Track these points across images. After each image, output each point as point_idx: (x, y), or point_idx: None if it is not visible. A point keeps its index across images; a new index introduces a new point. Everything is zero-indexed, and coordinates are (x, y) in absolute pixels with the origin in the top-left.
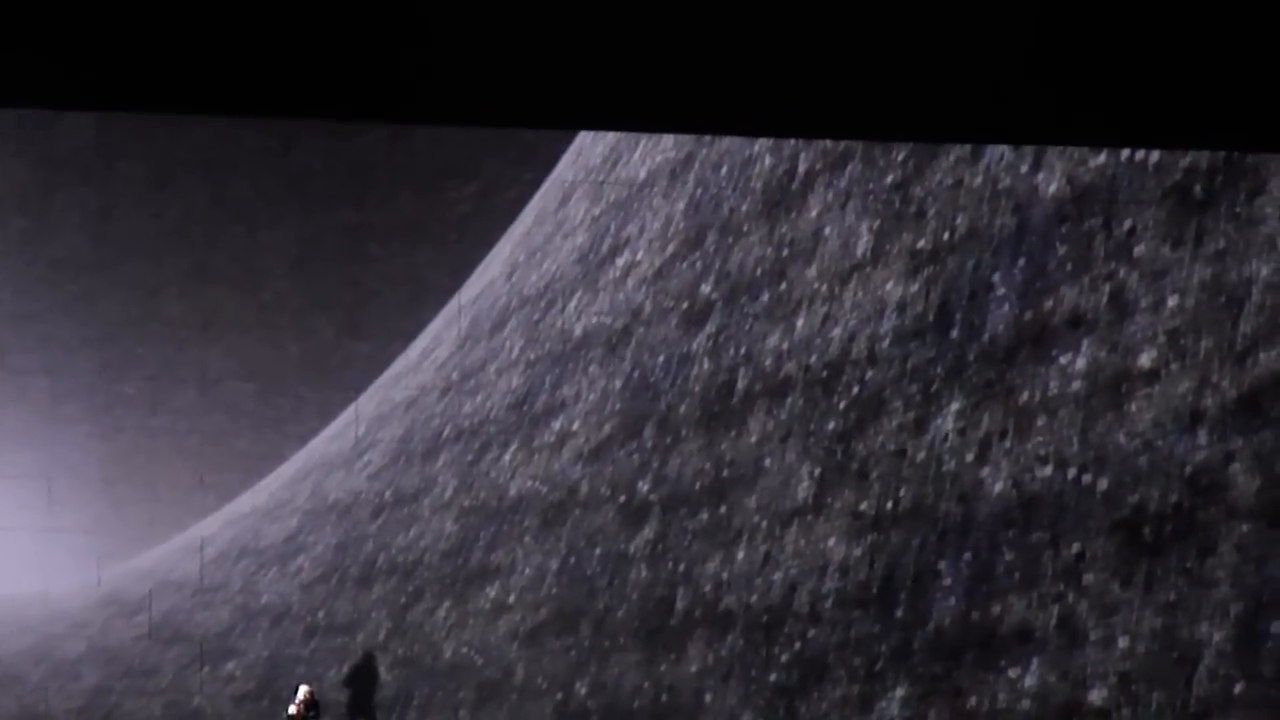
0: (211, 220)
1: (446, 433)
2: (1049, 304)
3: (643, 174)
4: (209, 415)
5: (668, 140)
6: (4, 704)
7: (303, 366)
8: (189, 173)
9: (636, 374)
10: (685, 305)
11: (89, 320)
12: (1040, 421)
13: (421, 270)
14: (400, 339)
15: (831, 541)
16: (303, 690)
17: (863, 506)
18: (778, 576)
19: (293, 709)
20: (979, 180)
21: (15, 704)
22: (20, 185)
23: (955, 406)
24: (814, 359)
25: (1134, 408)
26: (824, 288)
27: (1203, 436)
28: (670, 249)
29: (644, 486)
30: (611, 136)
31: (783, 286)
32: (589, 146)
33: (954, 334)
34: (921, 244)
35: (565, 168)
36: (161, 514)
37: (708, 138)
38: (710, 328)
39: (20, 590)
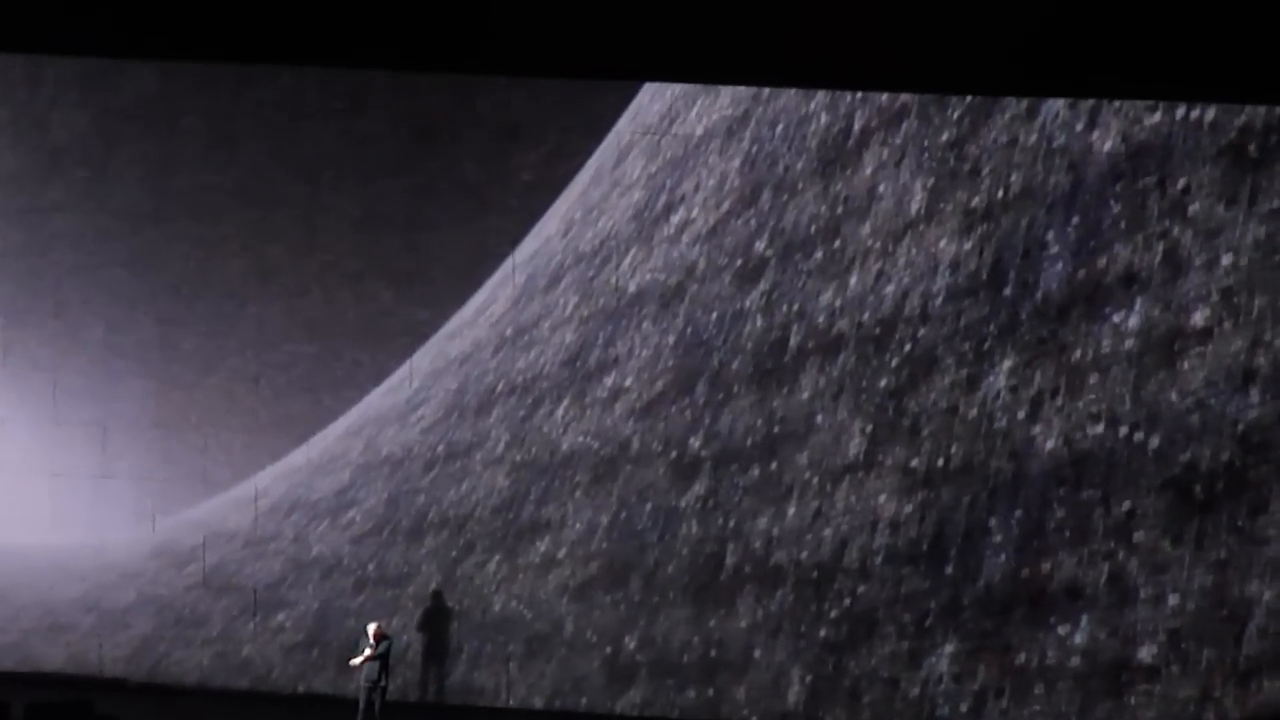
0: (273, 179)
1: (500, 388)
2: (1102, 262)
3: (699, 131)
4: (265, 375)
5: (725, 98)
6: (53, 652)
7: (361, 331)
8: (252, 130)
9: (689, 330)
10: (739, 262)
11: (148, 275)
12: (1092, 379)
13: (483, 237)
14: (459, 306)
15: (882, 498)
16: (371, 627)
17: (914, 463)
18: (828, 533)
19: (368, 648)
20: (1034, 138)
21: (64, 652)
22: (82, 136)
23: (1007, 364)
24: (867, 316)
25: (1186, 366)
26: (878, 245)
27: (1255, 395)
28: (725, 206)
29: (695, 442)
30: (669, 94)
31: (836, 244)
32: (647, 105)
33: (1007, 292)
34: (975, 202)
35: (623, 125)
36: (214, 472)
37: (765, 95)
38: (764, 285)
39: (75, 539)
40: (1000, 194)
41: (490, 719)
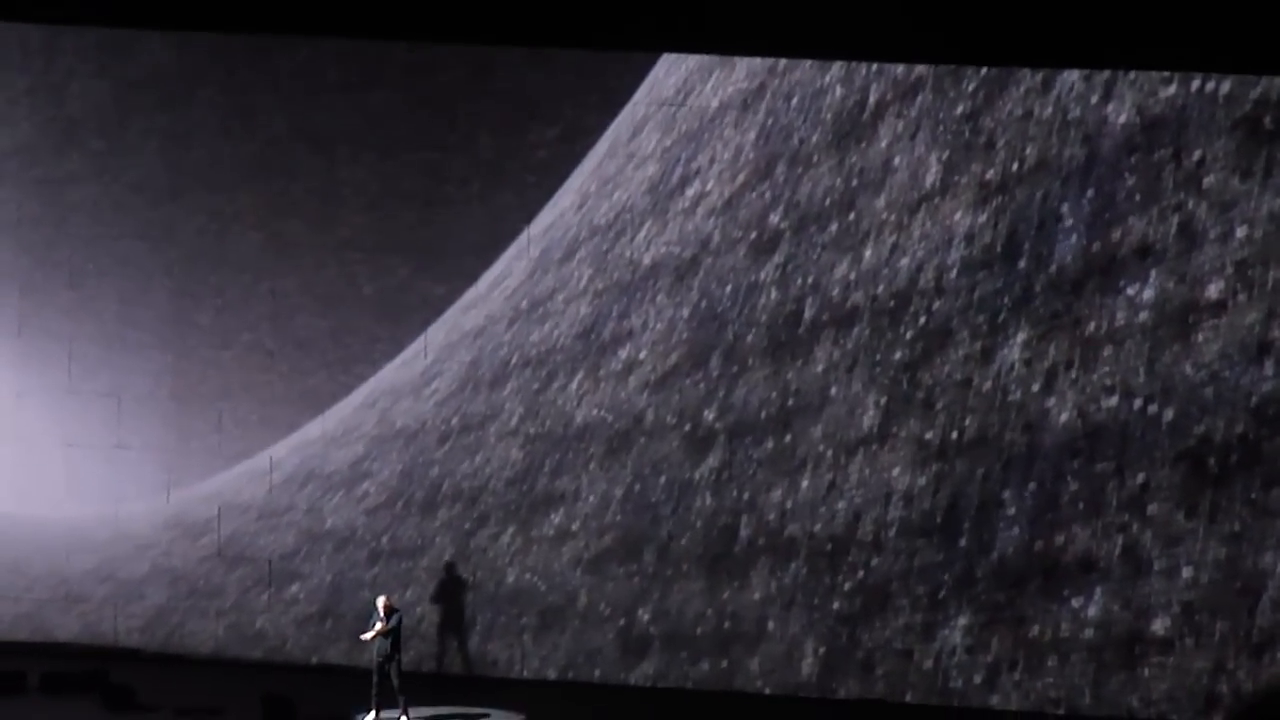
0: (290, 153)
1: (514, 361)
2: (1117, 235)
3: (714, 104)
4: (280, 349)
5: (740, 70)
6: (67, 622)
7: (377, 306)
8: (269, 104)
9: (704, 303)
10: (754, 235)
11: (164, 247)
12: (1107, 352)
13: (499, 213)
14: (475, 282)
15: (896, 470)
16: (380, 600)
17: (928, 436)
18: (842, 505)
19: (379, 622)
20: (1049, 111)
21: (78, 622)
22: (98, 107)
23: (1022, 337)
24: (881, 289)
25: (1201, 338)
26: (892, 218)
27: (1269, 367)
28: (740, 179)
29: (710, 415)
30: (684, 67)
31: (851, 217)
32: (662, 77)
33: (1022, 264)
34: (990, 174)
35: (639, 98)
36: (228, 444)
37: (780, 68)
38: (778, 257)
39: (89, 510)
40: (1015, 166)
41: (504, 690)
